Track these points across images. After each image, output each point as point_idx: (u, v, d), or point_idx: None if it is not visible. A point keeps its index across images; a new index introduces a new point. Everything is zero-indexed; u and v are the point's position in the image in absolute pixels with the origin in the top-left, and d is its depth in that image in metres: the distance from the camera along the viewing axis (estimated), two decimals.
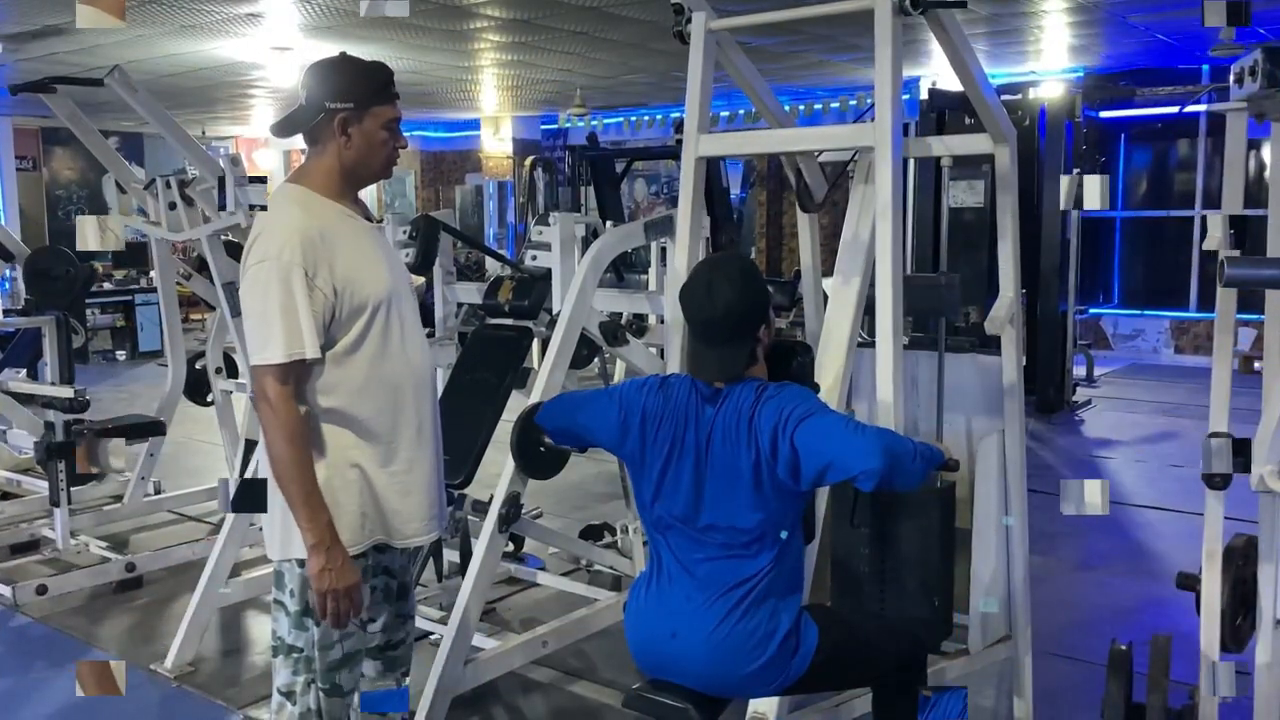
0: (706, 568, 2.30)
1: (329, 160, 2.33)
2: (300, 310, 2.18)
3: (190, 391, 5.58)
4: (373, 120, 2.30)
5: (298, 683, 2.39)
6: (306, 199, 2.33)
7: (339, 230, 2.31)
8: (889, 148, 2.35)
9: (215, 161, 4.89)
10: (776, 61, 9.52)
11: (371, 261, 2.34)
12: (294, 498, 2.21)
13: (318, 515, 2.21)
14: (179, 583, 4.66)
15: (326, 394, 2.29)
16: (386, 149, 2.35)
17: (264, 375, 2.19)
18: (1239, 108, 2.36)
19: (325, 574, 2.20)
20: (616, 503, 5.68)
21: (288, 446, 2.19)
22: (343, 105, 2.27)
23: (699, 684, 2.30)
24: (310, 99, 2.29)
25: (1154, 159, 11.64)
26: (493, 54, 9.24)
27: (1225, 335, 2.50)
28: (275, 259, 2.20)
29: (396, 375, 2.36)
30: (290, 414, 2.20)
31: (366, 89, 2.30)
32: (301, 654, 2.38)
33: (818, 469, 2.14)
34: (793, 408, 2.19)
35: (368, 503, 2.34)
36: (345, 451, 2.31)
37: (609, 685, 3.66)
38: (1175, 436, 7.69)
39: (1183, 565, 4.94)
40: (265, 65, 9.12)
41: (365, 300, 2.29)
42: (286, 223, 2.25)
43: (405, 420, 2.38)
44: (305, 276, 2.19)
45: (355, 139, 2.30)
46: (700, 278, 2.30)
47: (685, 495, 2.29)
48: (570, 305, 3.39)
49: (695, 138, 2.65)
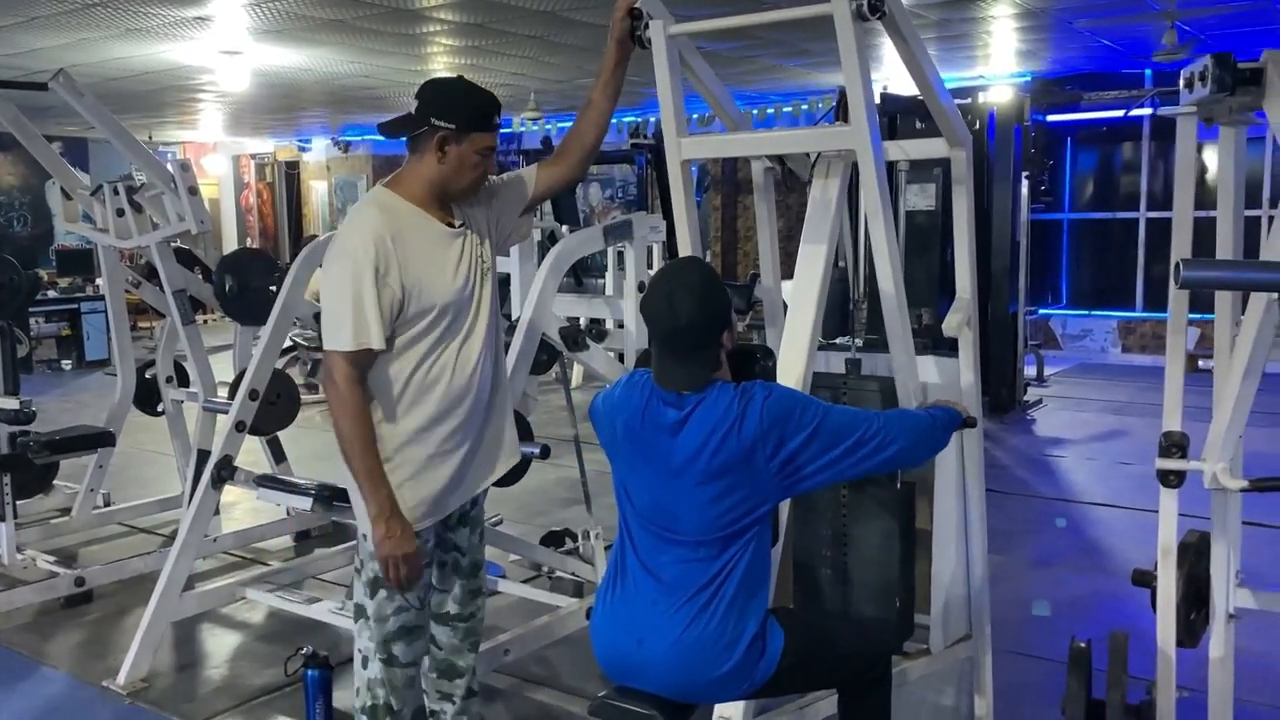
0: (673, 571, 2.29)
1: (423, 170, 2.52)
2: (368, 305, 2.38)
3: (140, 401, 5.48)
4: (470, 144, 2.49)
5: (370, 648, 2.63)
6: (390, 202, 2.52)
7: (415, 233, 2.49)
8: (869, 150, 2.37)
9: (164, 168, 4.81)
10: (730, 66, 9.56)
11: (442, 267, 2.52)
12: (357, 471, 2.45)
13: (379, 488, 2.44)
14: (131, 596, 4.57)
15: (384, 387, 2.48)
16: (477, 172, 2.54)
17: (334, 359, 2.42)
18: (1189, 112, 2.40)
19: (385, 541, 2.44)
20: (577, 508, 5.65)
21: (352, 424, 2.42)
22: (445, 125, 2.46)
23: (666, 690, 2.29)
24: (419, 111, 2.48)
25: (1099, 162, 11.84)
26: (446, 58, 9.19)
27: (1178, 335, 2.54)
28: (350, 256, 2.42)
29: (444, 375, 2.53)
30: (355, 396, 2.42)
31: (470, 114, 2.49)
32: (370, 620, 2.61)
33: (833, 461, 2.18)
34: (800, 406, 2.20)
35: (418, 487, 2.54)
36: (394, 439, 2.50)
37: (572, 693, 3.64)
38: (1124, 434, 7.82)
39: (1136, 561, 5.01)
40: (214, 69, 8.99)
41: (433, 302, 2.48)
42: (365, 223, 2.47)
43: (443, 415, 2.54)
44: (376, 274, 2.39)
45: (450, 157, 2.49)
46: (660, 288, 2.29)
47: (654, 496, 2.29)
48: (530, 310, 3.38)
49: (677, 142, 2.65)
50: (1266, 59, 2.24)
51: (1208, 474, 2.47)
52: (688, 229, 2.81)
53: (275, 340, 4.07)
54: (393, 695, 2.65)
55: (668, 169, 2.77)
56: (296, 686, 3.64)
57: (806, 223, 2.89)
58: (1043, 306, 11.58)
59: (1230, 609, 2.82)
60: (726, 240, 13.51)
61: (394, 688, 2.65)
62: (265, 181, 18.30)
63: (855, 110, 2.41)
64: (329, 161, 16.88)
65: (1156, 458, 2.59)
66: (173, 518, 5.59)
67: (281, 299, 4.07)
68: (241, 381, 5.00)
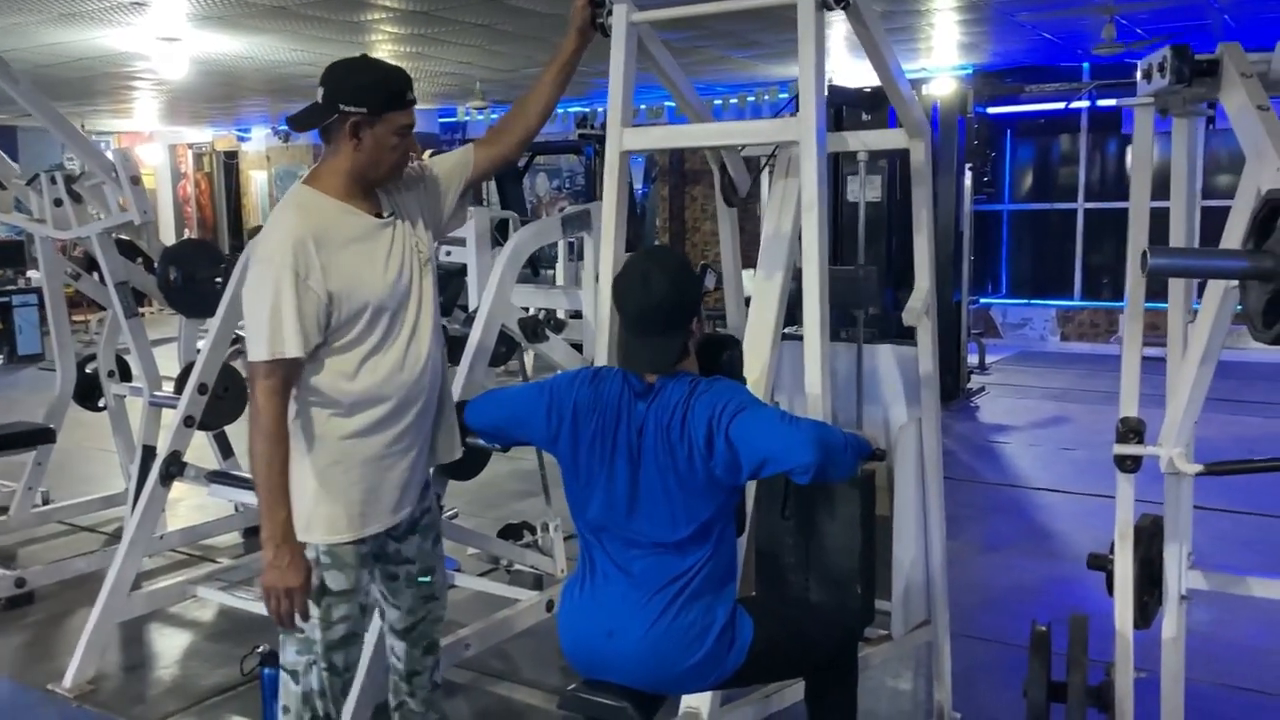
0: (641, 564, 2.28)
1: (339, 161, 2.39)
2: (285, 312, 2.25)
3: (80, 396, 5.34)
4: (385, 126, 2.35)
5: (301, 662, 2.49)
6: (310, 201, 2.39)
7: (339, 231, 2.36)
8: (813, 142, 2.36)
9: (105, 157, 4.68)
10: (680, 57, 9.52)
11: (372, 261, 2.40)
12: (259, 486, 2.30)
13: (276, 510, 2.29)
14: (74, 597, 4.45)
15: (325, 388, 2.38)
16: (397, 154, 2.41)
17: (252, 369, 2.29)
18: (1147, 102, 2.44)
19: (271, 570, 2.29)
20: (531, 500, 5.63)
21: (262, 441, 2.28)
22: (356, 110, 2.32)
23: (636, 681, 2.29)
24: (326, 99, 2.34)
25: (1038, 154, 12.06)
26: (390, 45, 9.06)
27: (1136, 323, 2.58)
28: (268, 260, 2.29)
29: (390, 374, 2.43)
30: (271, 411, 2.28)
31: (381, 95, 2.35)
32: (303, 634, 2.45)
33: (754, 463, 2.14)
34: (725, 402, 2.19)
35: (367, 493, 2.44)
36: (341, 442, 2.40)
37: (533, 686, 3.63)
38: (1066, 421, 7.97)
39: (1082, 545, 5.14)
40: (151, 56, 8.77)
41: (365, 301, 2.36)
42: (283, 226, 2.34)
43: (391, 420, 2.45)
44: (296, 278, 2.26)
45: (366, 143, 2.35)
46: (635, 268, 2.29)
47: (619, 493, 2.27)
48: (489, 301, 3.34)
49: (620, 131, 2.62)
50: (1222, 51, 2.28)
51: (1164, 458, 2.51)
52: (614, 222, 2.73)
53: (224, 333, 3.98)
54: (332, 705, 2.53)
55: (606, 159, 2.73)
56: (250, 686, 3.59)
57: (767, 213, 2.90)
58: (983, 296, 11.77)
59: (1183, 590, 2.88)
60: (674, 230, 13.52)
61: (334, 698, 2.53)
62: (203, 172, 17.94)
63: (805, 101, 2.40)
64: (269, 151, 16.58)
65: (1114, 443, 2.63)
66: (115, 515, 5.46)
67: (230, 290, 3.98)
68: (189, 375, 4.95)
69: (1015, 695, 3.50)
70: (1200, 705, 2.92)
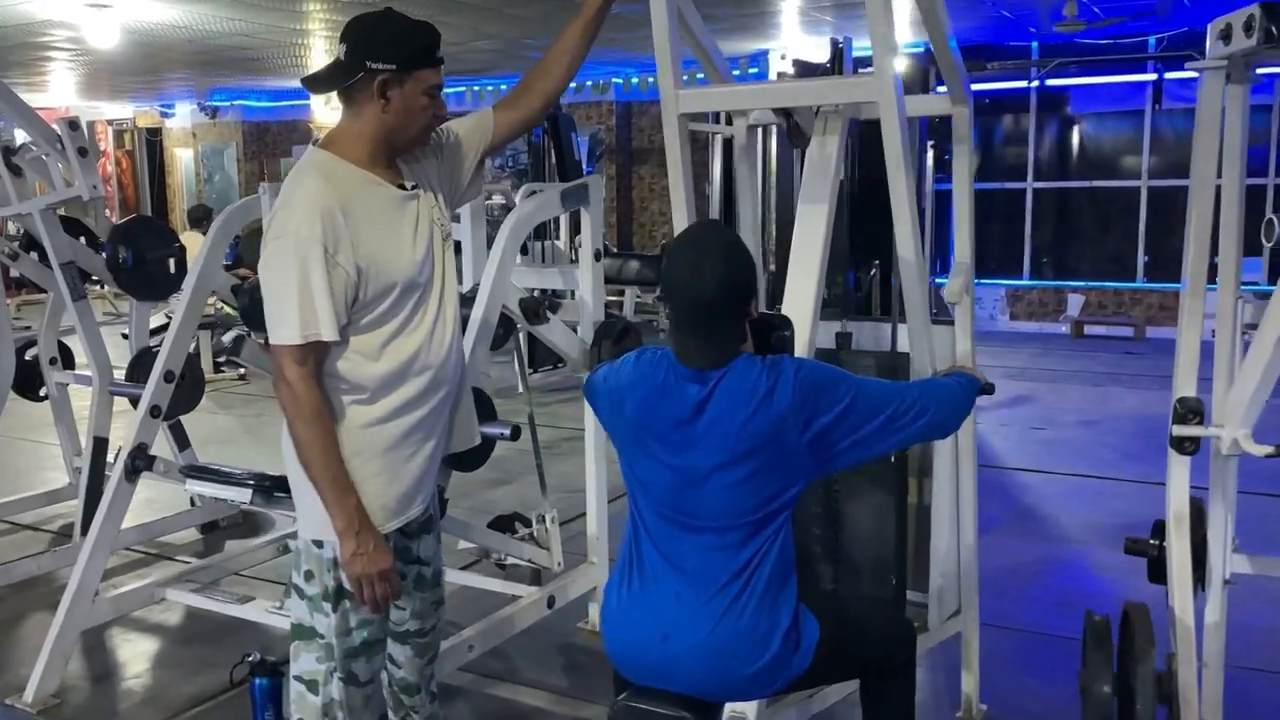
0: (697, 560, 2.11)
1: (364, 124, 2.18)
2: (316, 290, 2.07)
3: (20, 385, 4.97)
4: (415, 84, 2.16)
5: (320, 671, 2.28)
6: (332, 167, 2.18)
7: (366, 202, 2.16)
8: (893, 100, 2.21)
9: (50, 127, 4.35)
10: (629, 30, 9.32)
11: (399, 237, 2.21)
12: (319, 480, 2.13)
13: (345, 498, 2.13)
14: (24, 602, 4.14)
15: (346, 372, 2.18)
16: (426, 115, 2.22)
17: (282, 356, 2.10)
18: (1219, 65, 2.32)
19: (358, 558, 2.14)
20: (505, 488, 5.43)
21: (308, 427, 2.11)
22: (384, 66, 2.12)
23: (694, 689, 2.11)
24: (349, 55, 2.13)
25: (987, 133, 12.09)
26: (330, 15, 8.70)
27: (1197, 300, 2.48)
28: (293, 235, 2.08)
29: (414, 356, 2.24)
30: (309, 394, 2.10)
31: (411, 50, 2.16)
32: (323, 640, 2.27)
33: (866, 437, 2.03)
34: (830, 380, 2.03)
35: (389, 484, 2.25)
36: (362, 431, 2.20)
37: (537, 687, 3.44)
38: (1029, 400, 7.98)
39: (1069, 525, 5.10)
40: (79, 25, 8.28)
41: (393, 280, 2.17)
42: (307, 195, 2.12)
43: (414, 405, 2.26)
44: (325, 254, 2.07)
45: (395, 103, 2.16)
46: (683, 257, 2.09)
47: (673, 481, 2.10)
48: (490, 281, 3.13)
49: (674, 94, 2.43)
50: None
51: (1227, 440, 2.41)
52: (684, 194, 2.60)
53: (191, 316, 3.70)
54: (350, 718, 2.33)
55: (663, 125, 2.55)
56: (233, 695, 3.35)
57: (804, 183, 2.73)
58: (934, 275, 11.78)
59: (1227, 575, 2.81)
60: (622, 211, 13.31)
61: (352, 710, 2.32)
62: (124, 149, 17.20)
63: (880, 58, 2.25)
64: (195, 128, 15.98)
65: (1172, 424, 2.53)
66: (58, 512, 5.13)
67: (197, 269, 3.71)
68: (143, 362, 4.64)
69: (1032, 681, 3.44)
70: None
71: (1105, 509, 5.19)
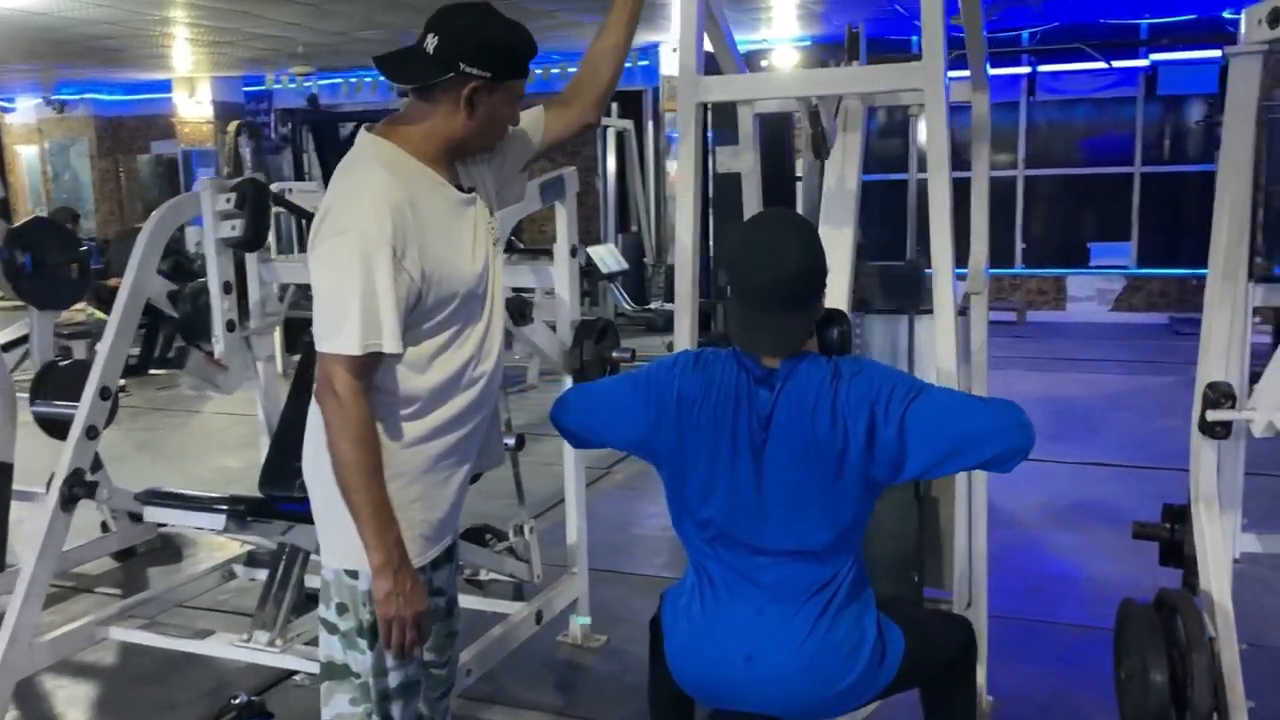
0: (773, 574, 2.00)
1: (438, 123, 1.99)
2: (382, 297, 1.87)
3: None
4: (503, 95, 2.00)
5: (357, 715, 2.08)
6: (397, 160, 1.97)
7: (431, 202, 1.98)
8: (940, 91, 2.13)
9: None
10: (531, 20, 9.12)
11: (461, 244, 2.03)
12: (360, 507, 1.93)
13: (386, 531, 1.93)
14: None
15: (390, 385, 1.99)
16: (504, 126, 2.09)
17: (333, 365, 1.90)
18: (1257, 50, 2.32)
19: (392, 599, 1.95)
20: None
21: (354, 449, 1.91)
22: (479, 73, 1.94)
23: (782, 710, 2.01)
24: (442, 52, 1.94)
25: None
26: (204, 3, 8.21)
27: (1229, 283, 2.49)
28: (358, 232, 1.87)
29: (463, 369, 2.05)
30: (359, 411, 1.90)
31: (511, 61, 1.99)
32: (359, 680, 2.07)
33: (940, 454, 1.89)
34: (891, 385, 1.92)
35: (428, 511, 2.06)
36: (403, 451, 2.01)
37: (531, 708, 3.26)
38: None
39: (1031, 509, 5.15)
40: None
41: (454, 290, 2.00)
42: (375, 188, 1.92)
43: (459, 422, 2.07)
44: (393, 256, 1.87)
45: (480, 111, 1.99)
46: (760, 234, 2.00)
47: (743, 493, 1.98)
48: None
49: (695, 81, 2.29)
50: None
51: (1261, 422, 2.43)
52: (690, 185, 2.48)
53: (127, 328, 3.36)
54: None
55: (678, 112, 2.42)
56: None
57: (829, 167, 2.66)
58: None
59: (1236, 554, 2.86)
60: None
61: None
62: None
63: (929, 46, 2.17)
64: (40, 123, 14.91)
65: (1203, 409, 2.53)
66: None
67: (132, 277, 3.37)
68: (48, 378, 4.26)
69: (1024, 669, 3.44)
70: None
71: (1046, 490, 5.29)
